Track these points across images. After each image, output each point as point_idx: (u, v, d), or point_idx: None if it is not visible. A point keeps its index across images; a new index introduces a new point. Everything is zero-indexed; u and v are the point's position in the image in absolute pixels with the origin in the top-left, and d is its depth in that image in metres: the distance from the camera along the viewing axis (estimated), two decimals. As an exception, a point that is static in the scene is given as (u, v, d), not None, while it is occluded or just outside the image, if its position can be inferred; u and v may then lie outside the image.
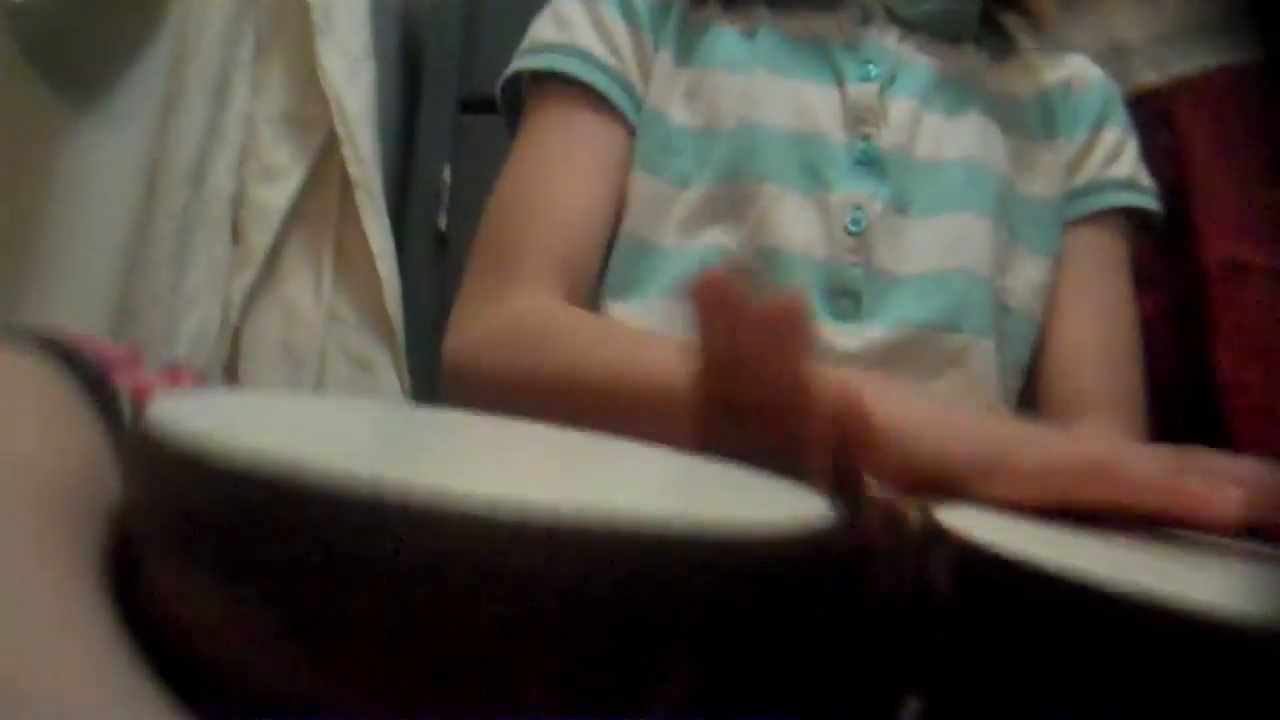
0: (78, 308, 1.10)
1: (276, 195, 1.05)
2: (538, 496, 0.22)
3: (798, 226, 0.69)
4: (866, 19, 0.77)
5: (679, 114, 0.73)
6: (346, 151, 1.05)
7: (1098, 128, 0.80)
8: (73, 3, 1.14)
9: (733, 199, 0.70)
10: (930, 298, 0.69)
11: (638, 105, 0.74)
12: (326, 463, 0.21)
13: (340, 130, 1.06)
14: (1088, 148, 0.79)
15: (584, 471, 0.32)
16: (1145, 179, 0.81)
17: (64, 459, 0.31)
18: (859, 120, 0.73)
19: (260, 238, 1.03)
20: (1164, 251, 0.95)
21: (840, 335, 0.68)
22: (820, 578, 0.29)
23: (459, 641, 0.21)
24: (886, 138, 0.72)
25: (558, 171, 0.71)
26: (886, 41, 0.77)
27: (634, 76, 0.75)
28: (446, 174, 1.34)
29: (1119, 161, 0.80)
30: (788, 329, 0.42)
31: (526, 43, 0.77)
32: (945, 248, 0.70)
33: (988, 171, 0.74)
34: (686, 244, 0.70)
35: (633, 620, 0.23)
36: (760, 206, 0.69)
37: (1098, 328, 0.76)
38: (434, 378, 0.83)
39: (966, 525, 0.33)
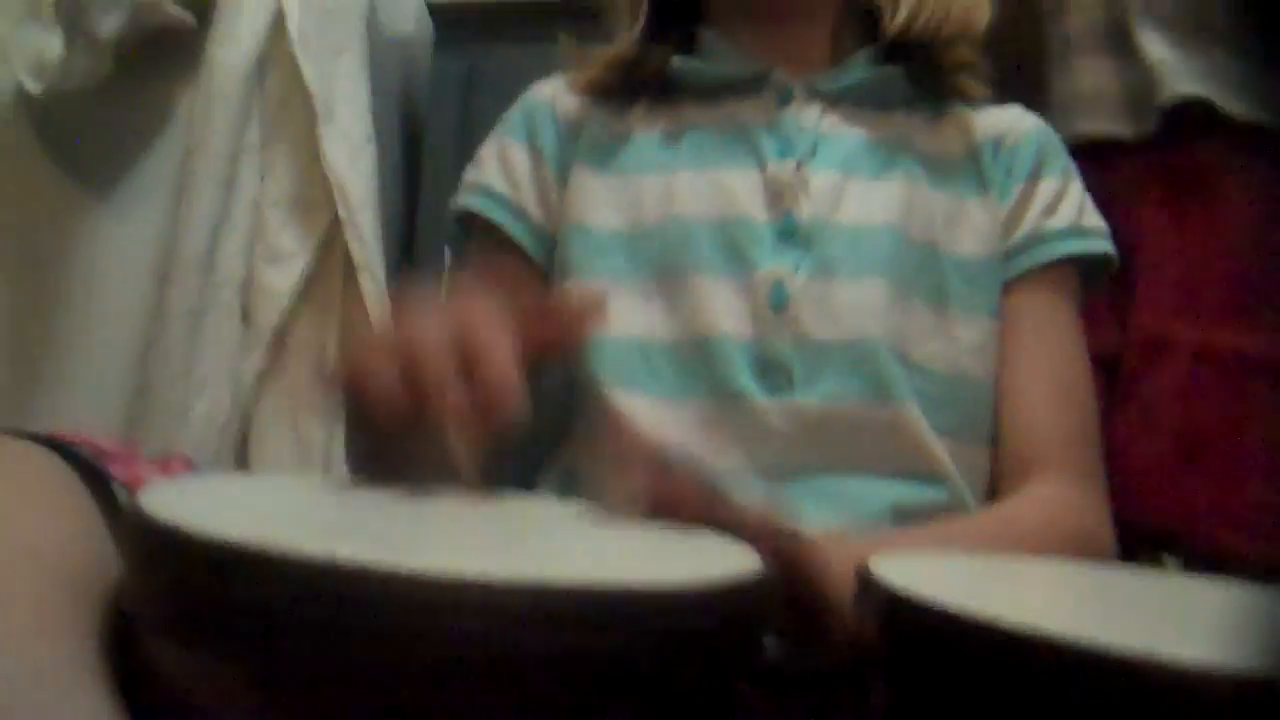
0: (94, 390, 1.13)
1: (284, 278, 1.09)
2: (474, 567, 0.25)
3: (726, 311, 0.72)
4: (786, 99, 0.80)
5: (604, 219, 0.78)
6: (349, 235, 1.09)
7: (1033, 179, 0.80)
8: (88, 95, 1.19)
9: (666, 291, 0.73)
10: (859, 366, 0.70)
11: (534, 231, 0.79)
12: (284, 541, 0.24)
13: (343, 214, 1.10)
14: (1023, 201, 0.80)
15: (523, 542, 0.35)
16: (1092, 221, 0.80)
17: (67, 545, 0.35)
18: (778, 196, 0.75)
19: (268, 319, 1.07)
20: (1111, 298, 0.94)
21: (773, 412, 0.70)
22: (752, 629, 0.31)
23: (404, 695, 0.24)
24: (807, 209, 0.74)
25: None
26: (807, 118, 0.79)
27: (531, 204, 0.80)
28: (446, 259, 1.39)
29: (1058, 212, 0.79)
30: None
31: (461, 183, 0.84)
32: (867, 313, 0.72)
33: (909, 236, 0.75)
34: (626, 334, 0.73)
35: (569, 675, 0.26)
36: (690, 296, 0.73)
37: (1047, 385, 0.76)
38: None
39: (895, 573, 0.35)
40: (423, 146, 1.45)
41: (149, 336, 1.07)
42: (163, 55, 1.23)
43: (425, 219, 1.42)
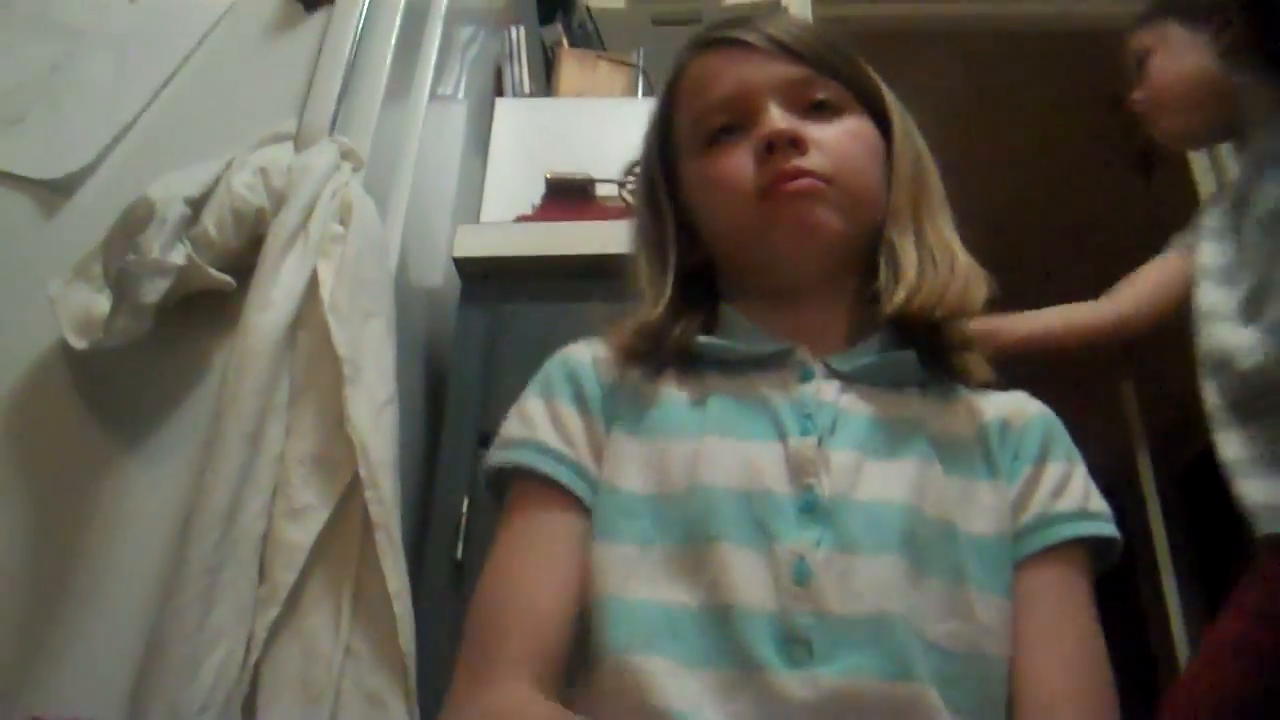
0: (108, 639, 1.14)
1: (302, 533, 1.11)
2: None
3: (750, 582, 0.74)
4: (806, 376, 0.83)
5: (633, 482, 0.81)
6: (369, 494, 1.12)
7: (1040, 462, 0.84)
8: (129, 353, 1.24)
9: (691, 558, 0.76)
10: (879, 641, 0.72)
11: (593, 487, 0.81)
12: None
13: (364, 474, 1.13)
14: (1032, 483, 0.83)
15: None
16: (1097, 505, 0.83)
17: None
18: (801, 472, 0.79)
19: (284, 575, 1.09)
20: None
21: (794, 683, 0.71)
22: None
23: None
24: (828, 485, 0.78)
25: (526, 563, 0.78)
26: (826, 395, 0.84)
27: (588, 461, 0.84)
28: (465, 505, 1.41)
29: (1065, 494, 0.82)
30: None
31: (497, 439, 0.87)
32: (887, 590, 0.74)
33: (924, 514, 0.77)
34: (651, 598, 0.75)
35: None
36: (714, 565, 0.75)
37: (1065, 668, 0.77)
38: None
39: None
40: (445, 399, 1.50)
41: (165, 590, 1.09)
42: (200, 313, 1.29)
43: (445, 466, 1.46)
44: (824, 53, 0.91)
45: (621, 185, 1.67)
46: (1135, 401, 3.29)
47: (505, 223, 1.68)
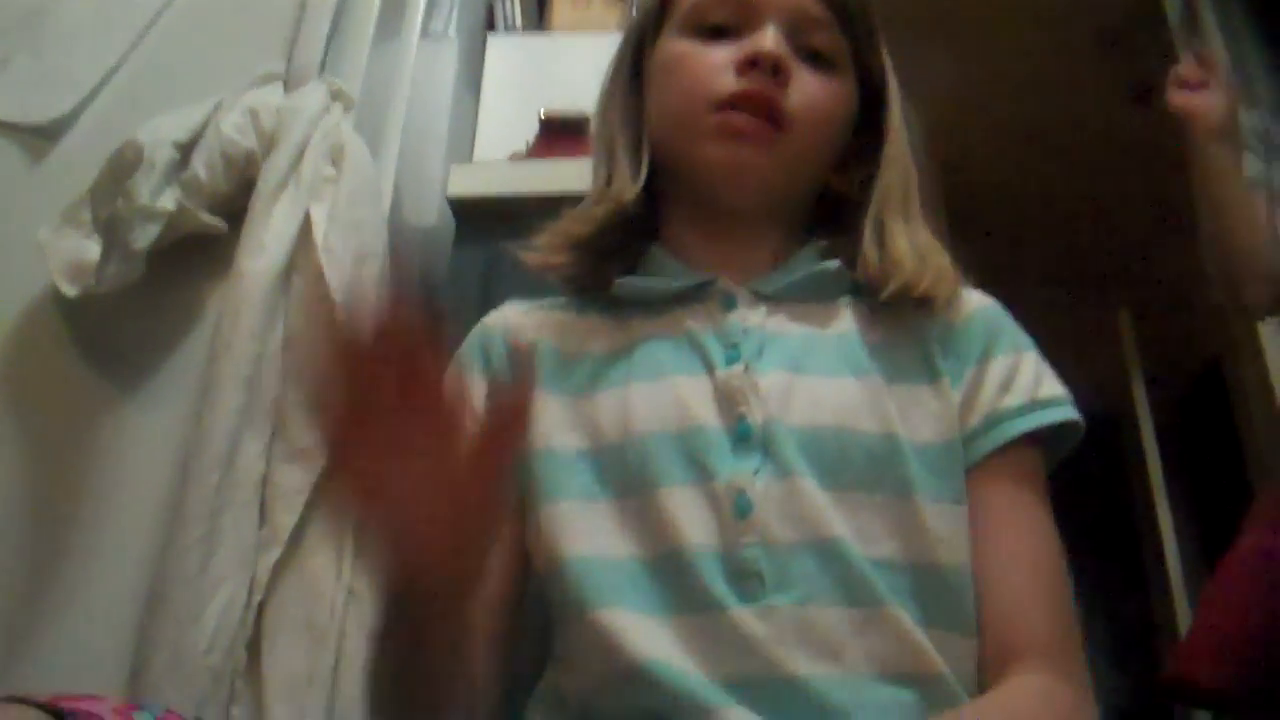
0: (111, 585, 1.15)
1: (301, 476, 1.11)
2: None
3: (693, 522, 0.74)
4: (730, 305, 0.82)
5: (566, 440, 0.81)
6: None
7: (984, 360, 0.82)
8: (121, 299, 1.24)
9: (635, 508, 0.76)
10: (829, 566, 0.72)
11: None
12: None
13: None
14: (976, 382, 0.82)
15: None
16: (1049, 390, 0.82)
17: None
18: (730, 402, 0.78)
19: (285, 518, 1.09)
20: None
21: (751, 617, 0.71)
22: None
23: None
24: (759, 412, 0.77)
25: None
26: (751, 320, 0.82)
27: None
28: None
29: (1012, 389, 0.81)
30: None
31: None
32: (830, 513, 0.73)
33: (864, 429, 0.77)
34: (606, 553, 0.74)
35: None
36: (658, 510, 0.75)
37: (1023, 573, 0.76)
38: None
39: None
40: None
41: (166, 536, 1.09)
42: (192, 257, 1.28)
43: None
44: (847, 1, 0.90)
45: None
46: (1131, 331, 3.29)
47: (499, 160, 1.66)
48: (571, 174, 1.57)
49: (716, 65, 0.86)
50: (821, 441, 0.76)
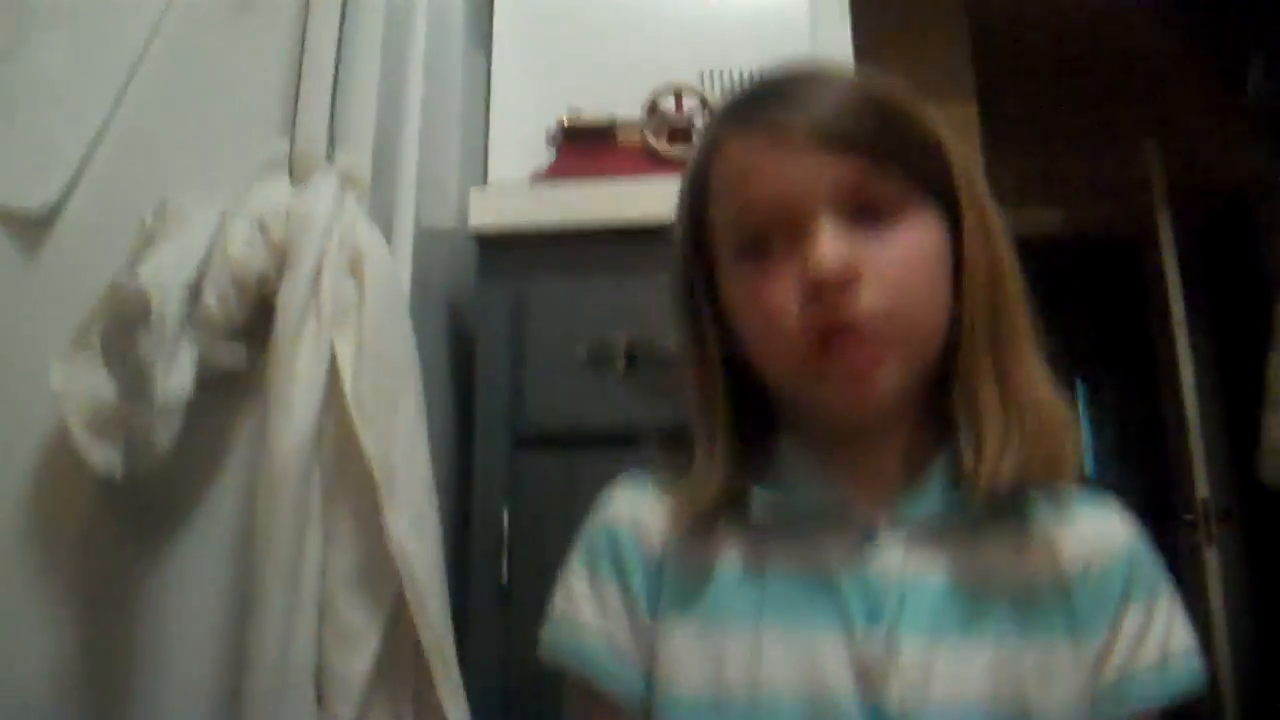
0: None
1: (357, 664, 1.10)
2: None
3: None
4: (870, 536, 0.79)
5: (690, 681, 0.78)
6: (418, 620, 1.11)
7: (1122, 610, 0.79)
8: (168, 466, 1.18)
9: None
10: None
11: (635, 673, 0.79)
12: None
13: (410, 596, 1.11)
14: (1113, 635, 0.78)
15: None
16: (1179, 641, 0.79)
17: None
18: (868, 676, 0.75)
19: (344, 710, 1.09)
20: None
21: None
22: None
23: None
24: (896, 689, 0.74)
25: None
26: (892, 563, 0.78)
27: (627, 645, 0.80)
28: (505, 518, 1.39)
29: (1146, 641, 0.78)
30: None
31: (549, 614, 0.84)
32: None
33: (999, 708, 0.75)
34: None
35: None
36: None
37: None
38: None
39: None
40: (475, 405, 1.44)
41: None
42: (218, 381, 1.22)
43: (482, 472, 1.43)
44: (881, 137, 0.77)
45: (644, 128, 1.52)
46: (1157, 159, 3.16)
47: (521, 182, 1.54)
48: (602, 199, 1.47)
49: (785, 298, 0.76)
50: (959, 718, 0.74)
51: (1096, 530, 0.81)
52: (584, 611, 0.81)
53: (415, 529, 1.13)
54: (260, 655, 1.08)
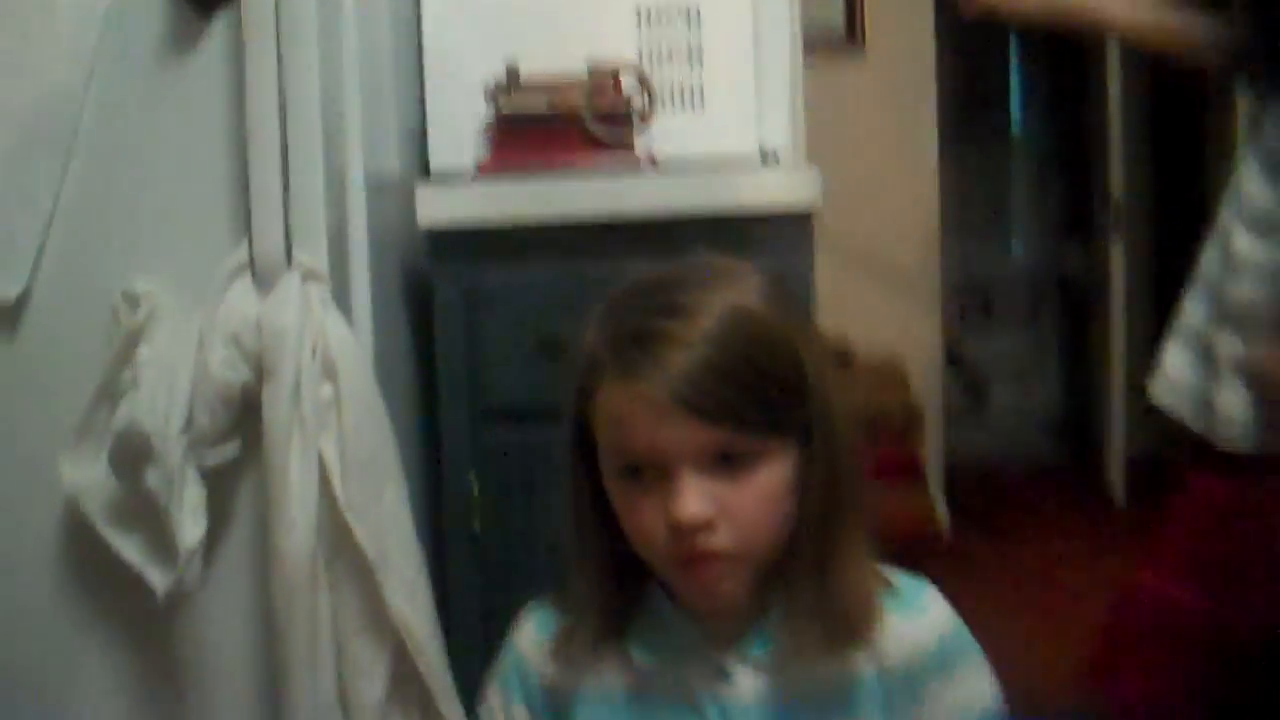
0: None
1: (372, 691, 1.38)
2: None
3: None
4: (722, 668, 0.96)
5: None
6: (420, 664, 1.36)
7: (932, 689, 0.96)
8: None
9: None
10: None
11: None
12: None
13: (411, 647, 1.36)
14: (920, 708, 0.95)
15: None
16: (982, 699, 0.96)
17: None
18: None
19: (368, 726, 1.38)
20: None
21: None
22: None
23: None
24: None
25: None
26: (744, 686, 0.95)
27: None
28: (474, 480, 1.61)
29: (954, 705, 0.95)
30: None
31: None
32: None
33: None
34: None
35: None
36: None
37: None
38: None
39: None
40: (438, 387, 1.60)
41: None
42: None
43: (449, 444, 1.62)
44: (742, 405, 0.88)
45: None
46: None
47: (466, 179, 1.58)
48: (543, 196, 1.54)
49: (654, 521, 0.90)
50: None
51: (913, 629, 0.96)
52: None
53: (409, 598, 1.36)
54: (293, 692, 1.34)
